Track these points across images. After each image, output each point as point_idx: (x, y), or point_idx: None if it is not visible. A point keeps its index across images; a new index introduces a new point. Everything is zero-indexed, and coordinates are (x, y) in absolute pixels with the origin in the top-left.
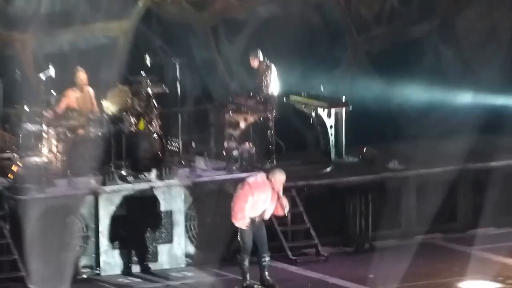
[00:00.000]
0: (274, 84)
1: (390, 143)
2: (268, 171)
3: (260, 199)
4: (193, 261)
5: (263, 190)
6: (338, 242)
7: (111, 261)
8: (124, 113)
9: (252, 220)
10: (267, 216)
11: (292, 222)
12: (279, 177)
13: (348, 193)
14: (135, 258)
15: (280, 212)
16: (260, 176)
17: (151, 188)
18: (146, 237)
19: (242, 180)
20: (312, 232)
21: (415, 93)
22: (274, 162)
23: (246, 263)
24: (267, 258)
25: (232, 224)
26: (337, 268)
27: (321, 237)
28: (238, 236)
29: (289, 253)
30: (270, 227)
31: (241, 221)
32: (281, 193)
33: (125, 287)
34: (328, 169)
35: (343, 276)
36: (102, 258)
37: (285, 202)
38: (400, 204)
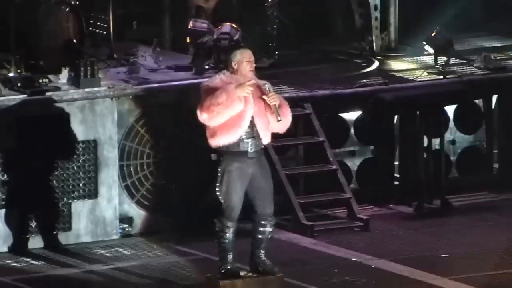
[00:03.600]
0: None
1: (478, 24)
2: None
3: None
4: (134, 229)
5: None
6: (386, 197)
7: None
8: None
9: (243, 153)
10: (265, 136)
11: (306, 160)
12: (242, 56)
13: (403, 110)
14: (32, 225)
15: (273, 124)
16: (220, 72)
17: (60, 102)
18: (52, 187)
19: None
20: (341, 179)
21: None
22: (276, 55)
23: (229, 234)
24: (268, 228)
25: (203, 163)
26: (385, 243)
27: (357, 187)
28: (218, 188)
29: (300, 215)
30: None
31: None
32: (266, 85)
33: (14, 274)
34: (370, 69)
35: (395, 255)
36: None
37: (272, 95)
38: (494, 129)
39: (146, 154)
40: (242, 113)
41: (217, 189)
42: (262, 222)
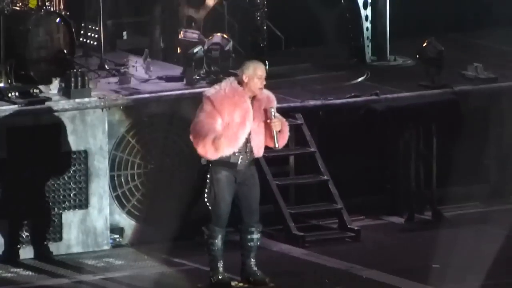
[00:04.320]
0: None
1: (470, 33)
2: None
3: (235, 117)
4: (125, 240)
5: (236, 103)
6: (377, 208)
7: None
8: None
9: (232, 165)
10: (258, 152)
11: (297, 170)
12: (254, 72)
13: (395, 121)
14: (22, 236)
15: (269, 143)
16: (226, 83)
17: (51, 112)
18: (42, 197)
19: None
20: (333, 189)
21: None
22: (267, 66)
23: (217, 241)
24: (255, 235)
25: (194, 174)
26: (376, 253)
27: (348, 198)
28: (206, 194)
29: (291, 225)
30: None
31: (212, 148)
32: (271, 109)
33: (5, 285)
34: (361, 79)
35: (386, 266)
36: None
37: (276, 121)
38: (486, 140)
39: (137, 164)
40: (238, 133)
41: (205, 195)
42: (249, 230)
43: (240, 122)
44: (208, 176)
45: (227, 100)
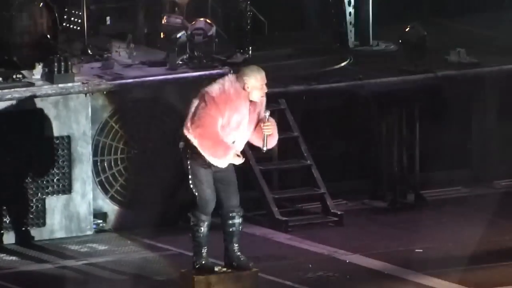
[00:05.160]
0: None
1: (452, 18)
2: (237, 72)
3: (231, 122)
4: (108, 225)
5: (237, 106)
6: (360, 192)
7: None
8: None
9: None
10: (239, 148)
11: (280, 155)
12: (256, 82)
13: (378, 106)
14: (5, 221)
15: (258, 143)
16: (229, 81)
17: (34, 97)
18: (26, 183)
19: (197, 90)
20: (316, 174)
21: None
22: (250, 51)
23: (203, 228)
24: (237, 220)
25: (177, 160)
26: (359, 237)
27: (331, 182)
28: (190, 181)
29: (274, 210)
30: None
31: (228, 156)
32: (263, 109)
33: None
34: (344, 64)
35: (369, 250)
36: None
37: (268, 125)
38: (469, 125)
39: (120, 149)
40: (230, 135)
41: (190, 183)
42: (230, 215)
43: (235, 127)
44: (189, 162)
45: (231, 103)
